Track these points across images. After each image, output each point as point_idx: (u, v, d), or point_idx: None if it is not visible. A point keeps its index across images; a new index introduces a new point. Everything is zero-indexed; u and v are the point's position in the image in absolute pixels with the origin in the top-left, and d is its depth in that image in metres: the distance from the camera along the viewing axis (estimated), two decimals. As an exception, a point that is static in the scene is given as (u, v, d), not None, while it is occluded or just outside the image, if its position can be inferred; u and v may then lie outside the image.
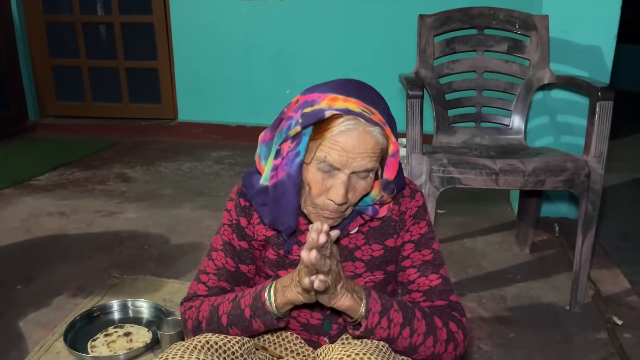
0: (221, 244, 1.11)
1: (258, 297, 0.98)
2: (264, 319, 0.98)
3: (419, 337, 0.98)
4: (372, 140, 0.92)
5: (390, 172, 0.98)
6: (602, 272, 2.08)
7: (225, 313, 1.02)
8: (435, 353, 1.00)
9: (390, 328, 0.96)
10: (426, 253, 1.08)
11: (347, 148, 0.91)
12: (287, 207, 0.99)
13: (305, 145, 0.95)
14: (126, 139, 4.03)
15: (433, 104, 2.10)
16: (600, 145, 1.74)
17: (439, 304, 1.05)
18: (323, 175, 0.95)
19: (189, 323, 1.06)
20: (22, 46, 4.16)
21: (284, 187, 0.98)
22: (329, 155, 0.92)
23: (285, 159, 0.98)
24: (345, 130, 0.91)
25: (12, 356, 1.59)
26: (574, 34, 2.30)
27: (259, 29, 3.83)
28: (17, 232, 2.45)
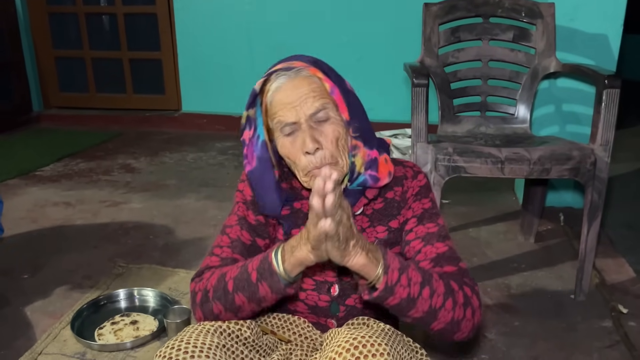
0: (236, 220, 1.11)
1: (265, 258, 0.96)
2: (270, 282, 0.94)
3: (439, 299, 0.94)
4: (303, 81, 0.99)
5: (343, 111, 1.01)
6: (607, 261, 2.08)
7: (232, 278, 0.99)
8: (455, 319, 0.96)
9: (410, 286, 0.92)
10: (430, 226, 1.07)
11: (286, 100, 0.98)
12: (267, 188, 1.04)
13: (261, 126, 1.04)
14: (130, 130, 4.04)
15: (438, 93, 2.09)
16: (606, 134, 1.73)
17: (449, 269, 1.02)
18: (290, 139, 1.01)
19: (198, 296, 1.03)
20: (25, 37, 4.16)
21: (259, 172, 1.05)
22: (280, 117, 0.99)
23: (249, 145, 1.05)
24: (276, 88, 1.00)
25: (20, 344, 1.60)
26: (580, 22, 2.29)
27: (262, 20, 3.81)
28: (23, 222, 2.46)
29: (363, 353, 0.85)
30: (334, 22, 3.73)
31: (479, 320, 1.00)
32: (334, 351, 0.88)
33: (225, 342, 0.95)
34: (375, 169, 1.05)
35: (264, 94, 1.02)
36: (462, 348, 1.58)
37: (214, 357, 0.90)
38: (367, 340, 0.87)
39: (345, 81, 1.07)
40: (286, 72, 1.00)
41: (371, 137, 1.07)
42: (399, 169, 1.12)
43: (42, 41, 4.22)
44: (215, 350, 0.91)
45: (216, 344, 0.93)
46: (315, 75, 1.01)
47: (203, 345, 0.91)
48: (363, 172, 1.05)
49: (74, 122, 4.18)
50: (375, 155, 1.06)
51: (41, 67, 4.28)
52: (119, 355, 1.56)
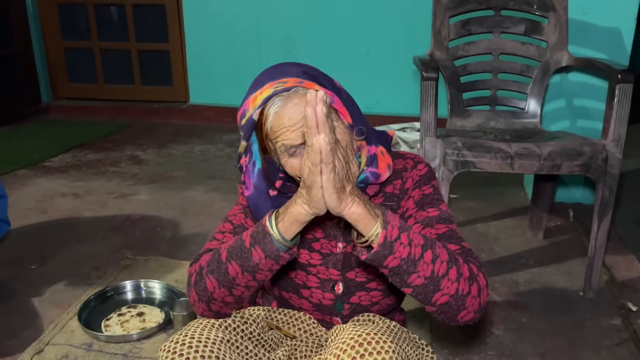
0: (240, 209, 1.10)
1: (260, 222, 0.93)
2: (264, 245, 0.90)
3: (442, 265, 0.88)
4: (300, 99, 0.93)
5: (345, 116, 0.98)
6: (616, 258, 2.06)
7: (226, 248, 0.96)
8: (459, 293, 0.90)
9: (411, 247, 0.86)
10: (431, 211, 1.03)
11: (288, 123, 0.93)
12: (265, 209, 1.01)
13: (257, 153, 1.00)
14: (138, 121, 4.04)
15: (447, 87, 2.07)
16: (618, 129, 1.70)
17: (451, 247, 0.97)
18: (298, 159, 0.96)
19: (193, 277, 1.00)
20: (34, 28, 4.17)
21: (255, 199, 1.02)
22: (284, 140, 0.94)
23: (247, 172, 1.02)
24: (274, 114, 0.94)
25: (27, 334, 1.61)
26: (593, 15, 2.25)
27: (271, 12, 3.79)
28: (31, 212, 2.47)
29: (368, 350, 0.84)
30: (343, 14, 3.70)
31: (486, 301, 0.94)
32: (338, 348, 0.87)
33: (230, 337, 0.94)
34: (375, 165, 1.03)
35: (260, 122, 0.96)
36: (469, 344, 1.58)
37: (218, 351, 0.90)
38: (372, 337, 0.86)
39: (334, 81, 1.03)
40: (281, 94, 0.93)
41: (370, 133, 1.05)
42: (399, 162, 1.10)
43: (51, 32, 4.23)
44: (220, 345, 0.91)
45: (220, 339, 0.92)
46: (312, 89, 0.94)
47: (207, 339, 0.90)
48: (365, 170, 1.03)
49: (82, 113, 4.20)
50: (374, 150, 1.04)
51: (50, 58, 4.28)
52: (125, 347, 1.56)
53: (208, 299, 0.99)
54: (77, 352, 1.54)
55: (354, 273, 1.08)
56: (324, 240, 1.08)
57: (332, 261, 1.07)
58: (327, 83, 0.99)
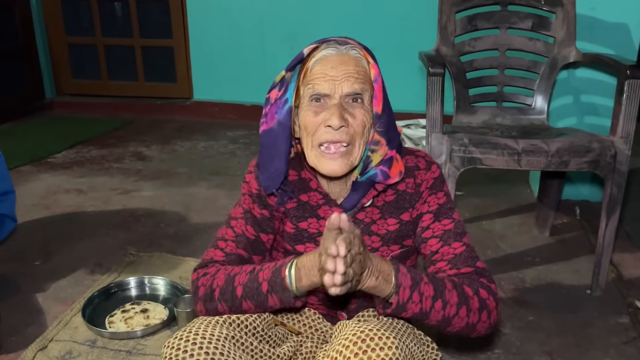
0: (241, 213, 1.10)
1: (278, 272, 0.95)
2: (281, 296, 0.95)
3: (452, 308, 0.95)
4: (351, 60, 0.97)
5: (377, 103, 0.99)
6: (624, 256, 2.04)
7: (242, 284, 0.98)
8: (470, 323, 0.97)
9: (423, 302, 0.93)
10: (447, 222, 1.06)
11: (329, 72, 0.95)
12: (277, 152, 1.01)
13: (292, 91, 1.00)
14: (142, 118, 4.03)
15: (453, 83, 2.05)
16: (627, 126, 1.68)
17: (465, 270, 1.02)
18: (316, 109, 0.97)
19: (201, 290, 1.02)
20: (38, 24, 4.16)
21: (274, 134, 1.01)
22: (316, 85, 0.96)
23: (274, 106, 1.01)
24: (323, 57, 0.97)
25: (31, 330, 1.61)
26: (600, 11, 2.23)
27: (275, 8, 3.77)
28: (35, 208, 2.47)
29: (370, 346, 0.84)
30: (347, 9, 3.68)
31: (496, 320, 1.01)
32: (341, 344, 0.86)
33: (234, 334, 0.93)
34: (388, 166, 1.03)
35: (308, 59, 0.99)
36: (475, 342, 1.56)
37: (222, 348, 0.89)
38: (375, 333, 0.86)
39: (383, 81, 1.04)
40: (337, 45, 0.98)
41: (394, 137, 1.04)
42: (410, 159, 1.09)
43: (55, 28, 4.22)
44: (224, 342, 0.90)
45: (225, 335, 0.91)
46: (365, 58, 0.99)
47: (212, 336, 0.90)
48: (375, 167, 1.02)
49: (86, 109, 4.19)
50: (392, 154, 1.04)
51: (54, 54, 4.28)
52: (129, 343, 1.55)
53: (215, 315, 1.02)
54: (81, 348, 1.53)
55: None
56: None
57: None
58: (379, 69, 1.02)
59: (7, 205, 1.86)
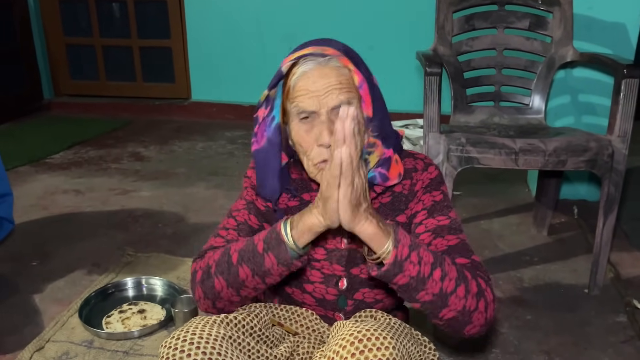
0: (244, 204, 1.09)
1: (273, 228, 0.93)
2: (277, 252, 0.91)
3: (451, 282, 0.89)
4: (332, 71, 0.94)
5: (365, 107, 0.97)
6: (621, 255, 2.04)
7: (237, 250, 0.96)
8: (467, 308, 0.91)
9: (421, 265, 0.87)
10: (441, 219, 1.02)
11: (311, 87, 0.93)
12: (270, 171, 1.01)
13: (278, 107, 0.99)
14: (140, 118, 4.03)
15: (451, 83, 2.05)
16: (624, 125, 1.68)
17: (460, 261, 0.97)
18: (306, 127, 0.96)
19: (199, 274, 1.00)
20: (36, 25, 4.16)
21: (265, 152, 1.01)
22: (300, 102, 0.94)
23: (262, 124, 1.01)
24: (302, 73, 0.94)
25: (28, 331, 1.60)
26: (598, 10, 2.23)
27: (273, 7, 3.77)
28: (33, 209, 2.46)
29: (367, 346, 0.83)
30: (346, 9, 3.68)
31: (492, 316, 0.95)
32: (338, 344, 0.86)
33: (231, 334, 0.93)
34: (387, 167, 1.02)
35: (288, 75, 0.97)
36: (473, 341, 1.56)
37: (220, 348, 0.88)
38: (372, 333, 0.85)
39: (373, 76, 1.02)
40: (316, 57, 0.95)
41: (389, 135, 1.03)
42: (409, 161, 1.08)
43: (53, 28, 4.22)
44: (221, 342, 0.90)
45: (222, 335, 0.91)
46: (346, 67, 0.96)
47: (209, 336, 0.89)
48: (374, 169, 1.02)
49: (84, 110, 4.19)
50: (390, 154, 1.03)
51: (52, 55, 4.27)
52: (126, 344, 1.55)
53: (215, 297, 1.00)
54: (78, 349, 1.53)
55: (358, 269, 1.07)
56: (329, 236, 1.06)
57: (337, 257, 1.06)
58: (364, 68, 0.99)
59: (5, 208, 1.85)
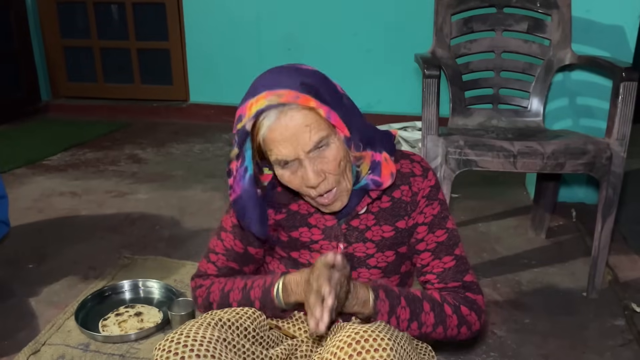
0: (230, 226, 1.13)
1: (267, 292, 1.03)
2: (272, 312, 1.05)
3: (428, 328, 1.03)
4: (295, 117, 0.91)
5: (341, 130, 0.95)
6: (620, 258, 2.04)
7: (236, 301, 1.06)
8: (448, 336, 1.05)
9: (399, 324, 1.00)
10: (440, 234, 1.07)
11: (280, 138, 0.91)
12: (252, 219, 1.02)
13: (250, 159, 0.98)
14: (138, 120, 4.02)
15: (449, 85, 2.05)
16: (623, 128, 1.68)
17: (452, 285, 1.07)
18: (291, 170, 0.96)
19: (199, 300, 1.13)
20: (34, 27, 4.15)
21: (243, 202, 1.02)
22: (277, 154, 0.93)
23: (236, 176, 1.01)
24: (267, 128, 0.92)
25: (24, 334, 1.59)
26: (596, 13, 2.23)
27: (271, 10, 3.77)
28: (29, 211, 2.45)
29: (365, 348, 0.84)
30: (344, 12, 3.68)
31: (479, 329, 1.07)
32: (335, 346, 0.86)
33: (226, 336, 0.93)
34: (378, 172, 1.01)
35: (254, 132, 0.94)
36: (471, 345, 1.55)
37: (214, 350, 0.88)
38: (370, 334, 0.86)
39: (336, 87, 0.98)
40: (275, 108, 0.90)
41: (373, 139, 1.02)
42: (405, 164, 1.08)
43: (51, 30, 4.21)
44: (215, 344, 0.89)
45: (217, 338, 0.91)
46: (307, 106, 0.91)
47: (203, 339, 0.89)
48: (366, 177, 1.01)
49: (82, 112, 4.18)
50: (379, 158, 1.01)
51: (49, 57, 4.26)
52: (122, 347, 1.54)
53: None
54: (74, 352, 1.52)
55: (356, 273, 1.09)
56: (324, 242, 1.08)
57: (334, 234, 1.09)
58: (327, 92, 0.94)
59: (0, 210, 1.84)
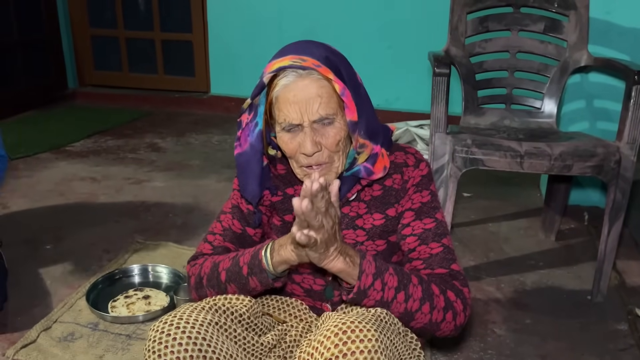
0: (230, 208, 1.15)
1: (256, 254, 1.00)
2: (259, 277, 1.00)
3: (415, 303, 0.97)
4: (312, 84, 0.95)
5: (349, 112, 0.98)
6: (629, 263, 2.02)
7: (225, 269, 1.04)
8: (433, 321, 0.99)
9: (384, 291, 0.96)
10: (428, 222, 1.07)
11: (293, 99, 0.95)
12: (251, 175, 1.05)
13: (262, 114, 1.02)
14: (160, 110, 4.10)
15: (462, 84, 2.05)
16: (634, 131, 1.66)
17: (439, 271, 1.04)
18: (290, 136, 0.99)
19: (192, 279, 1.11)
20: (63, 16, 4.26)
21: (247, 156, 1.04)
22: (285, 115, 0.97)
23: (245, 129, 1.04)
24: (283, 86, 0.96)
25: (38, 311, 1.66)
26: (617, 15, 2.20)
27: (292, 5, 3.80)
28: (50, 194, 2.54)
29: (351, 338, 0.86)
30: (366, 8, 3.69)
31: (462, 323, 1.03)
32: (322, 335, 0.88)
33: (218, 320, 0.96)
34: (372, 162, 1.04)
35: (271, 86, 1.00)
36: (469, 342, 1.57)
37: (205, 333, 0.92)
38: (357, 325, 0.87)
39: (356, 75, 1.04)
40: (296, 70, 0.96)
41: (377, 132, 1.05)
42: (400, 155, 1.10)
43: (79, 20, 4.31)
44: (207, 327, 0.93)
45: (209, 321, 0.94)
46: (326, 77, 0.96)
47: (195, 321, 0.93)
48: (361, 164, 1.04)
49: (106, 100, 4.28)
50: (377, 150, 1.05)
51: (77, 46, 4.37)
52: (129, 328, 1.60)
53: None
54: (83, 330, 1.58)
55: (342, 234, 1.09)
56: None
57: None
58: (345, 72, 1.00)
59: None
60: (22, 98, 3.93)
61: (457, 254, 2.06)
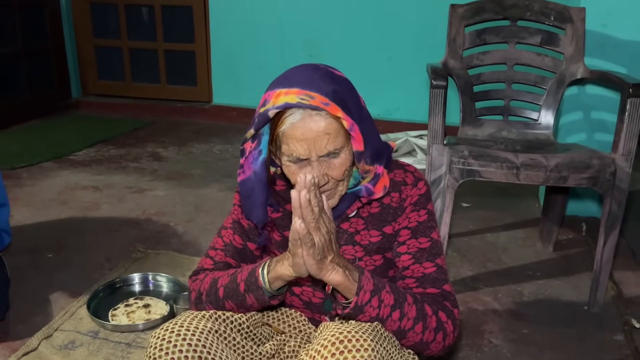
0: (231, 223, 1.16)
1: (253, 272, 1.01)
2: (256, 294, 1.00)
3: (409, 322, 0.98)
4: (319, 124, 0.94)
5: (356, 144, 0.98)
6: (626, 274, 2.03)
7: (223, 286, 1.05)
8: (424, 340, 1.00)
9: (381, 308, 0.96)
10: (423, 241, 1.07)
11: (301, 138, 0.95)
12: (256, 202, 1.04)
13: (266, 143, 1.01)
14: (162, 119, 4.14)
15: (460, 95, 2.07)
16: (629, 143, 1.69)
17: (431, 291, 1.05)
18: (297, 166, 0.99)
19: (193, 295, 1.11)
20: (67, 26, 4.31)
21: (251, 184, 1.04)
22: (292, 150, 0.96)
23: (249, 157, 1.03)
24: (291, 125, 0.95)
25: (39, 320, 1.68)
26: (612, 28, 2.23)
27: (294, 16, 3.84)
28: (53, 203, 2.57)
29: (347, 347, 0.87)
30: (366, 20, 3.73)
31: (451, 343, 1.04)
32: (320, 344, 0.90)
33: (218, 328, 0.98)
34: (374, 183, 1.05)
35: (276, 122, 0.97)
36: (465, 351, 1.58)
37: (205, 341, 0.93)
38: (353, 335, 0.89)
39: (360, 100, 1.02)
40: (304, 108, 0.93)
41: (381, 154, 1.06)
42: (399, 173, 1.10)
43: (83, 30, 4.36)
44: (207, 335, 0.95)
45: (209, 329, 0.96)
46: (335, 116, 0.94)
47: (196, 329, 0.94)
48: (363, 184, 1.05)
49: (109, 110, 4.32)
50: (380, 170, 1.06)
51: (81, 55, 4.42)
52: (129, 336, 1.61)
53: None
54: (84, 338, 1.60)
55: (342, 250, 1.10)
56: None
57: None
58: (353, 104, 0.98)
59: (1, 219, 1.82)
60: (26, 107, 3.97)
61: (456, 263, 2.09)
